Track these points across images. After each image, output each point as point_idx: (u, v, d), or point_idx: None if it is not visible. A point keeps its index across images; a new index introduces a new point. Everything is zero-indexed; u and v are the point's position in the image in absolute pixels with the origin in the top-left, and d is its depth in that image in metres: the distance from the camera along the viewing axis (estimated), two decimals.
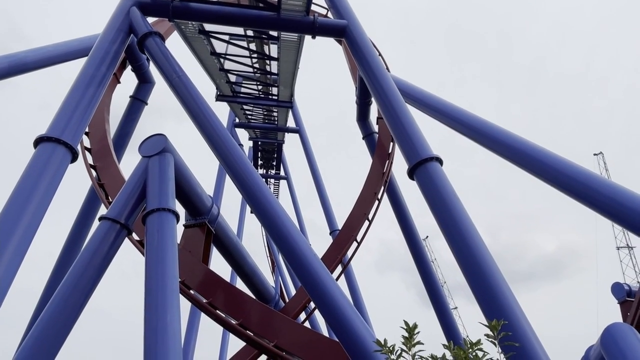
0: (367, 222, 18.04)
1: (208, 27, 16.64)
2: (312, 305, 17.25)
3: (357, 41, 13.89)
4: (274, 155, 37.75)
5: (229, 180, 26.18)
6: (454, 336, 18.20)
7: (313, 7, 15.44)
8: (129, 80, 20.14)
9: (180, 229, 14.52)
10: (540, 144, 12.89)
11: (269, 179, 40.75)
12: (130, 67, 19.87)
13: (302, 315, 19.93)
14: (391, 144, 19.32)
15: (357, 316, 9.59)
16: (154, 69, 17.37)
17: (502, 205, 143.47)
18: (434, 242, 74.43)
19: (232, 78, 21.83)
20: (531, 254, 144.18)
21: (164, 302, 9.90)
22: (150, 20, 14.62)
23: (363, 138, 21.96)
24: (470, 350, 4.31)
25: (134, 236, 13.74)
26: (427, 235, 73.15)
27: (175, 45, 18.22)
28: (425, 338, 4.64)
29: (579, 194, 11.42)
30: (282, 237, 10.74)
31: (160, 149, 13.13)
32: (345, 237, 17.87)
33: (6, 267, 8.18)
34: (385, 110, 12.54)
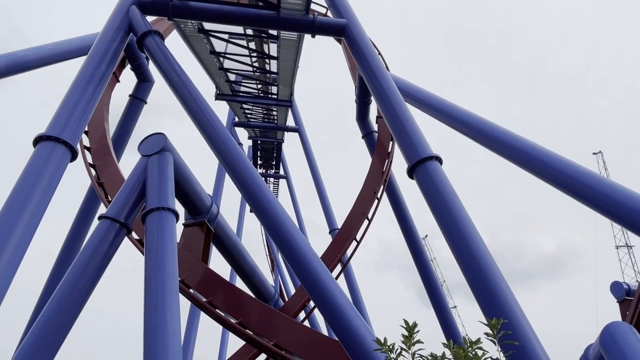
0: (366, 221, 18.06)
1: (207, 26, 16.62)
2: (311, 304, 17.25)
3: (357, 40, 13.89)
4: (274, 154, 37.73)
5: (228, 179, 26.21)
6: (453, 335, 18.23)
7: (313, 6, 15.43)
8: (128, 79, 20.16)
9: (179, 228, 14.57)
10: (539, 143, 12.90)
11: (268, 178, 40.74)
12: (129, 65, 19.85)
13: (302, 314, 19.98)
14: (391, 143, 19.32)
15: (357, 315, 9.59)
16: (154, 68, 17.35)
17: (502, 204, 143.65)
18: (433, 241, 74.56)
19: (232, 77, 21.81)
20: (530, 253, 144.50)
21: (163, 301, 9.91)
22: (150, 19, 14.60)
23: (362, 137, 21.95)
24: (470, 349, 4.32)
25: (134, 235, 13.75)
26: (426, 235, 73.26)
27: (175, 44, 18.23)
28: (425, 337, 4.64)
29: (578, 193, 11.42)
30: (281, 236, 10.74)
31: (159, 148, 13.14)
32: (344, 236, 17.89)
33: (6, 265, 8.19)
34: (384, 109, 12.54)
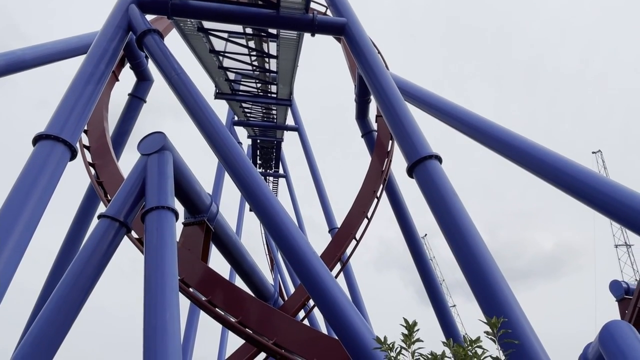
0: (366, 220, 18.08)
1: (207, 24, 16.60)
2: (311, 303, 17.28)
3: (357, 39, 13.88)
4: (273, 153, 37.72)
5: (228, 178, 26.25)
6: (452, 334, 18.25)
7: (312, 5, 15.44)
8: (128, 78, 20.14)
9: (179, 227, 14.55)
10: (538, 142, 12.91)
11: (267, 177, 40.73)
12: (128, 64, 19.82)
13: (302, 313, 20.00)
14: (390, 141, 19.32)
15: (356, 314, 9.60)
16: (153, 67, 17.37)
17: (501, 203, 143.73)
18: (432, 240, 74.47)
19: (231, 76, 21.81)
20: (530, 252, 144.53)
21: (163, 300, 9.92)
22: (149, 17, 14.59)
23: (362, 136, 21.93)
24: (470, 347, 4.33)
25: (133, 234, 13.76)
26: (425, 233, 73.22)
27: (174, 42, 18.21)
28: (424, 336, 4.65)
29: (577, 192, 11.42)
30: (281, 235, 10.75)
31: (159, 147, 13.13)
32: (344, 235, 17.91)
33: (5, 264, 8.19)
34: (384, 108, 12.54)
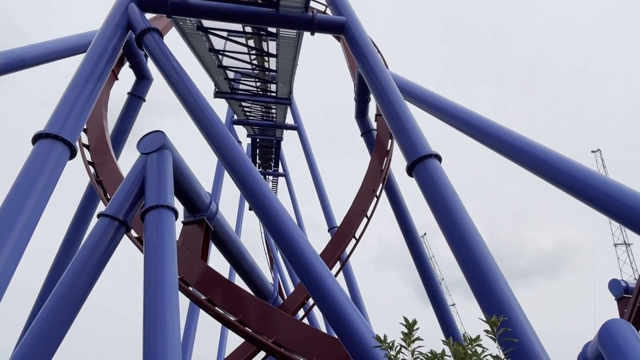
0: (365, 219, 18.08)
1: (206, 23, 16.58)
2: (310, 301, 17.29)
3: (356, 38, 13.88)
4: (273, 152, 37.72)
5: (227, 177, 26.24)
6: (452, 332, 18.27)
7: (312, 4, 15.43)
8: (127, 77, 20.13)
9: (179, 225, 14.56)
10: (538, 141, 12.91)
11: (267, 176, 40.72)
12: (128, 63, 19.82)
13: (301, 312, 20.01)
14: (390, 141, 19.31)
15: (356, 312, 9.60)
16: (152, 66, 17.34)
17: (501, 202, 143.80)
18: (432, 239, 74.53)
19: (231, 75, 21.78)
20: (529, 251, 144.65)
21: (162, 299, 9.92)
22: (149, 16, 14.58)
23: (362, 135, 21.93)
24: (470, 346, 4.33)
25: (133, 233, 13.76)
26: (425, 232, 73.24)
27: (174, 41, 18.19)
28: (423, 334, 4.65)
29: (576, 191, 11.42)
30: (281, 234, 10.74)
31: (158, 146, 13.13)
32: (343, 234, 17.92)
33: (5, 263, 8.20)
34: (384, 107, 12.54)
